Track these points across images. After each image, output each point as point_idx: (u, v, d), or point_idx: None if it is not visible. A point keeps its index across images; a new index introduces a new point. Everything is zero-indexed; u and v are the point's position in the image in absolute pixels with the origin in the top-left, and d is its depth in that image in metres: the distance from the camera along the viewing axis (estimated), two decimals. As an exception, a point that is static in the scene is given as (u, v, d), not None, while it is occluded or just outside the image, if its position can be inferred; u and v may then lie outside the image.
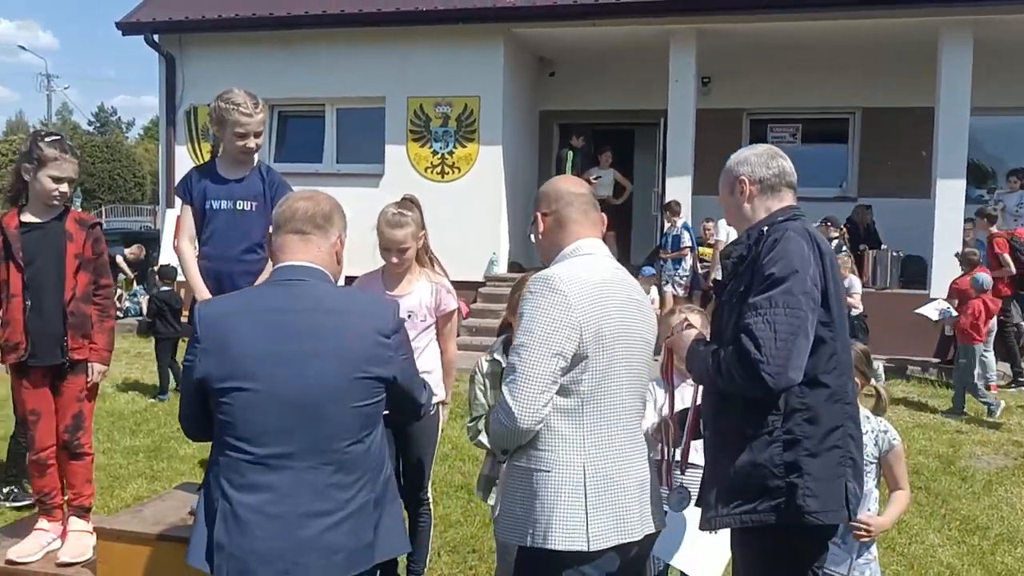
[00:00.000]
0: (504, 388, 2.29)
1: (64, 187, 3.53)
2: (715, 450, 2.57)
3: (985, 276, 8.56)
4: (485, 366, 3.44)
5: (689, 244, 10.92)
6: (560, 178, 2.71)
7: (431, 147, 12.19)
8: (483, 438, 3.39)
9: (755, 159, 2.67)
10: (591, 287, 2.34)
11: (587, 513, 2.27)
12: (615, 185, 12.30)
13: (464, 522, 5.12)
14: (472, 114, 11.97)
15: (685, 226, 11.05)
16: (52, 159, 3.48)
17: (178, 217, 3.66)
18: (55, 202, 3.55)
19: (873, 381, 3.27)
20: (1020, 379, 9.56)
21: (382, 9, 11.74)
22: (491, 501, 3.44)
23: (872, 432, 3.16)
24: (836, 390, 2.43)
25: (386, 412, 2.43)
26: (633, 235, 14.43)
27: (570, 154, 12.11)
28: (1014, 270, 9.47)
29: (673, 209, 10.93)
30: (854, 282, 9.27)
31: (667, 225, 11.11)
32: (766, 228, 2.52)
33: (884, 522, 3.17)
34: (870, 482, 3.12)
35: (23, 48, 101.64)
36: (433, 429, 3.83)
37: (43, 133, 3.66)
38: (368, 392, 2.30)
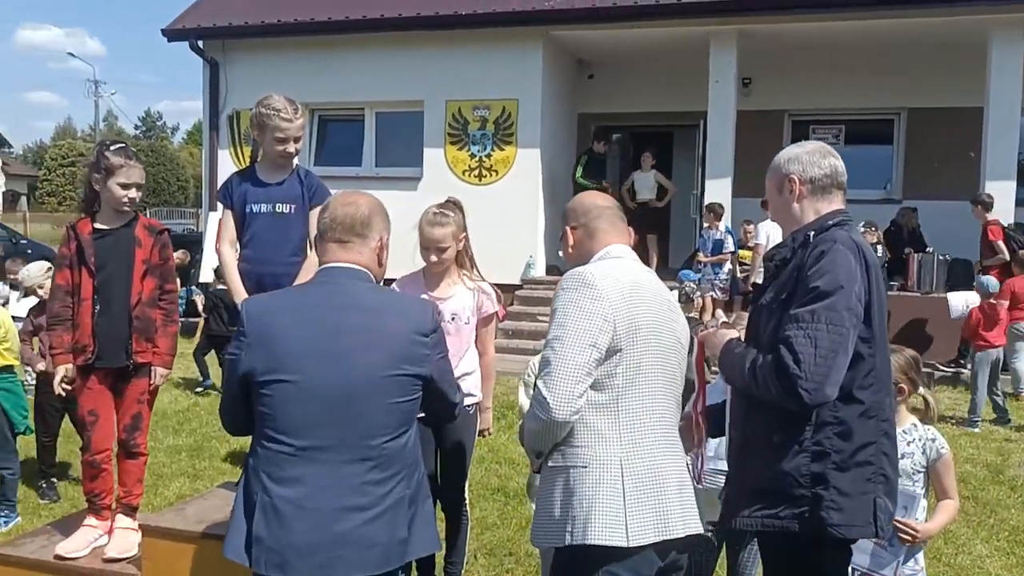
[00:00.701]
0: (539, 382, 2.29)
1: (132, 193, 3.62)
2: (742, 452, 2.56)
3: (990, 279, 8.38)
4: (536, 368, 3.42)
5: (732, 249, 10.76)
6: (587, 193, 2.76)
7: (469, 150, 12.22)
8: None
9: (806, 157, 2.61)
10: (623, 283, 2.37)
11: (626, 508, 2.26)
12: (658, 187, 12.19)
13: (501, 525, 5.12)
14: (510, 117, 11.99)
15: (728, 230, 10.91)
16: (119, 167, 3.58)
17: (220, 220, 3.73)
18: (125, 208, 3.65)
19: (921, 389, 3.22)
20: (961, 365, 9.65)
21: (421, 13, 11.81)
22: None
23: (920, 440, 3.12)
24: (871, 406, 2.40)
25: (421, 414, 2.47)
26: (672, 238, 14.34)
27: (583, 159, 12.01)
28: (1008, 257, 9.36)
29: (716, 212, 10.80)
30: None
31: (706, 227, 10.99)
32: (813, 234, 2.49)
33: (931, 528, 3.11)
34: (918, 490, 3.07)
35: (72, 55, 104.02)
36: (471, 431, 3.84)
37: (108, 142, 3.76)
38: (405, 389, 2.36)
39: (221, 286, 10.20)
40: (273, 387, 2.28)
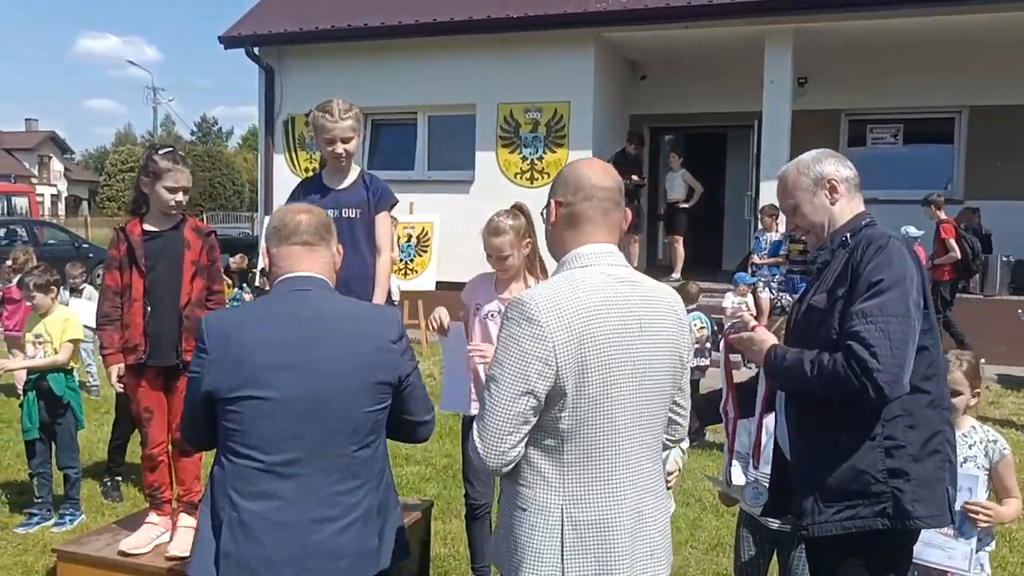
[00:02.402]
0: (475, 425, 2.09)
1: (180, 196, 3.69)
2: (806, 456, 2.51)
3: None
4: None
5: (787, 253, 10.58)
6: (585, 163, 2.30)
7: (520, 153, 12.24)
8: None
9: (834, 159, 2.64)
10: (575, 314, 2.02)
11: (564, 559, 2.05)
12: (688, 188, 12.06)
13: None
14: (562, 119, 11.97)
15: (788, 235, 10.71)
16: (166, 171, 3.65)
17: None
18: (173, 211, 3.73)
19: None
20: None
21: (473, 17, 11.86)
22: None
23: (981, 443, 3.08)
24: (936, 396, 2.42)
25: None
26: (725, 240, 14.20)
27: (612, 159, 11.91)
28: (959, 256, 9.45)
29: (772, 213, 10.61)
30: None
31: (761, 229, 10.82)
32: (849, 235, 2.51)
33: (1005, 512, 3.05)
34: (982, 494, 3.01)
35: (131, 63, 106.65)
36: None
37: (157, 147, 3.84)
38: (377, 398, 2.35)
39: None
40: (243, 403, 2.24)
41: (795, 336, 2.56)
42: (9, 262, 8.95)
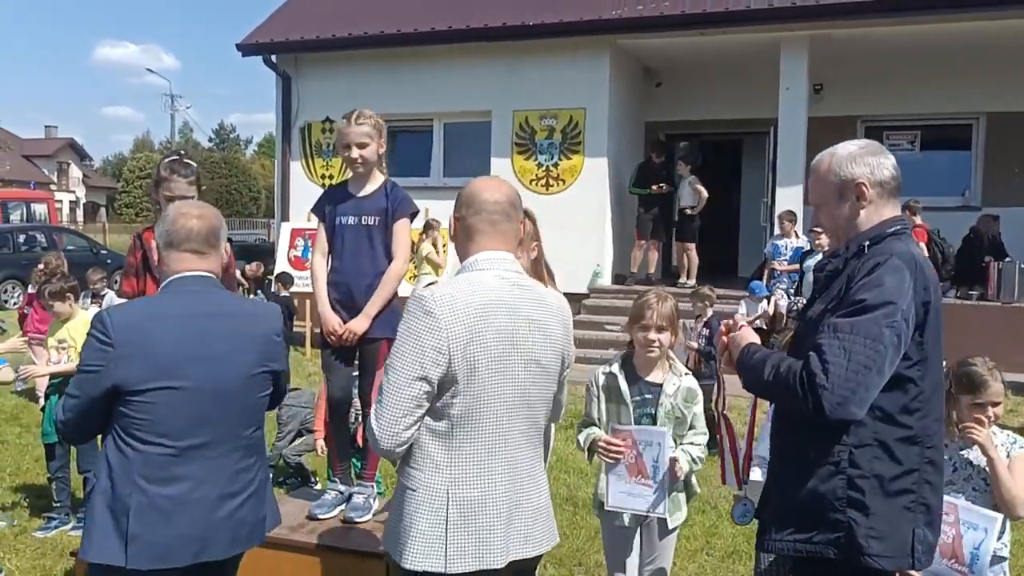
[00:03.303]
0: (372, 408, 2.27)
1: None
2: (776, 470, 2.46)
3: None
4: (601, 379, 3.42)
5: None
6: (480, 181, 2.49)
7: (536, 159, 12.26)
8: (580, 436, 3.44)
9: (872, 159, 2.39)
10: (468, 310, 2.23)
11: (447, 536, 2.23)
12: (697, 195, 12.05)
13: (570, 535, 5.10)
14: (577, 126, 11.99)
15: (810, 241, 10.63)
16: (164, 180, 3.71)
17: (315, 232, 3.91)
18: None
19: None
20: None
21: (489, 24, 11.90)
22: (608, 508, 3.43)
23: (1004, 446, 3.05)
24: (917, 432, 2.26)
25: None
26: (741, 246, 14.16)
27: (635, 168, 11.96)
28: None
29: (792, 220, 10.54)
30: None
31: (778, 233, 10.76)
32: (868, 243, 2.33)
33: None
34: (994, 537, 2.96)
35: (150, 71, 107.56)
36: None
37: (166, 155, 3.89)
38: (266, 384, 2.64)
39: (285, 293, 10.52)
40: (154, 394, 2.39)
41: (794, 347, 2.44)
42: (41, 266, 9.05)
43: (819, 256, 9.32)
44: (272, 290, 11.40)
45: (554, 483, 6.08)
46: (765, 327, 9.08)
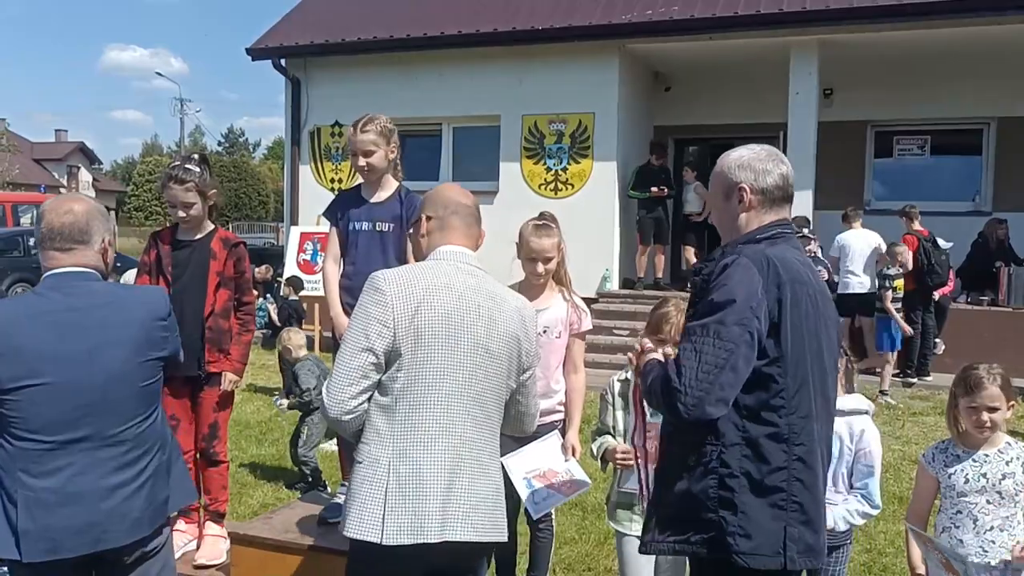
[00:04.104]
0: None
1: (179, 212, 3.72)
2: (660, 475, 2.49)
3: None
4: (617, 386, 3.40)
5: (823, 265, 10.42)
6: (450, 187, 2.71)
7: (545, 164, 12.26)
8: (594, 445, 3.42)
9: (759, 164, 2.43)
10: (415, 288, 2.38)
11: (385, 507, 2.30)
12: (702, 201, 12.03)
13: (579, 540, 5.09)
14: (586, 130, 11.99)
15: (821, 247, 10.56)
16: (163, 186, 3.76)
17: (327, 236, 3.90)
18: (184, 223, 3.78)
19: None
20: (908, 375, 10.05)
21: (498, 29, 11.92)
22: (615, 526, 3.42)
23: (1019, 459, 3.01)
24: (783, 430, 2.27)
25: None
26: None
27: (633, 172, 11.92)
28: (909, 267, 9.66)
29: (801, 224, 10.46)
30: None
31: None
32: (740, 246, 2.36)
33: None
34: (1018, 512, 2.96)
35: (160, 74, 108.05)
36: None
37: (175, 158, 3.91)
38: (151, 372, 2.58)
39: (294, 297, 10.57)
40: (22, 392, 2.38)
41: None
42: None
43: None
44: (281, 294, 11.44)
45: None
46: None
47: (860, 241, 10.17)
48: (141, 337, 2.54)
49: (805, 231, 9.91)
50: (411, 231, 2.67)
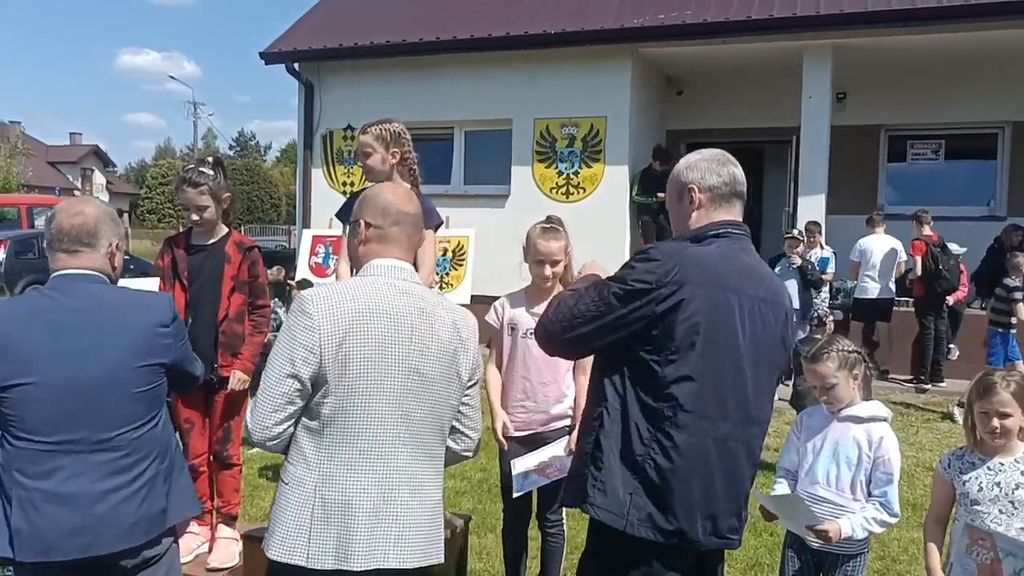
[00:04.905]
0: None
1: (193, 215, 3.74)
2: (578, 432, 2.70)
3: None
4: None
5: (834, 270, 10.31)
6: (390, 190, 2.56)
7: (556, 168, 12.25)
8: None
9: (704, 164, 2.58)
10: (344, 311, 2.27)
11: (311, 531, 2.25)
12: None
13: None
14: (598, 134, 11.98)
15: (835, 252, 10.50)
16: (176, 189, 3.78)
17: (339, 239, 3.91)
18: (199, 226, 3.79)
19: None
20: (922, 382, 9.89)
21: (510, 33, 11.92)
22: None
23: None
24: (658, 416, 2.37)
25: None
26: (762, 255, 14.04)
27: (638, 177, 11.90)
28: (919, 272, 9.75)
29: (816, 230, 10.41)
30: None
31: (802, 245, 10.57)
32: (688, 242, 2.50)
33: None
34: None
35: (173, 78, 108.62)
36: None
37: (189, 161, 3.92)
38: (150, 378, 2.55)
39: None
40: (14, 391, 2.40)
41: None
42: None
43: (784, 264, 9.31)
44: (293, 296, 11.45)
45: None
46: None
47: (881, 245, 10.13)
48: (138, 342, 2.52)
49: (795, 232, 9.89)
50: (347, 230, 2.57)
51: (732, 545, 2.54)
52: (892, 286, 10.30)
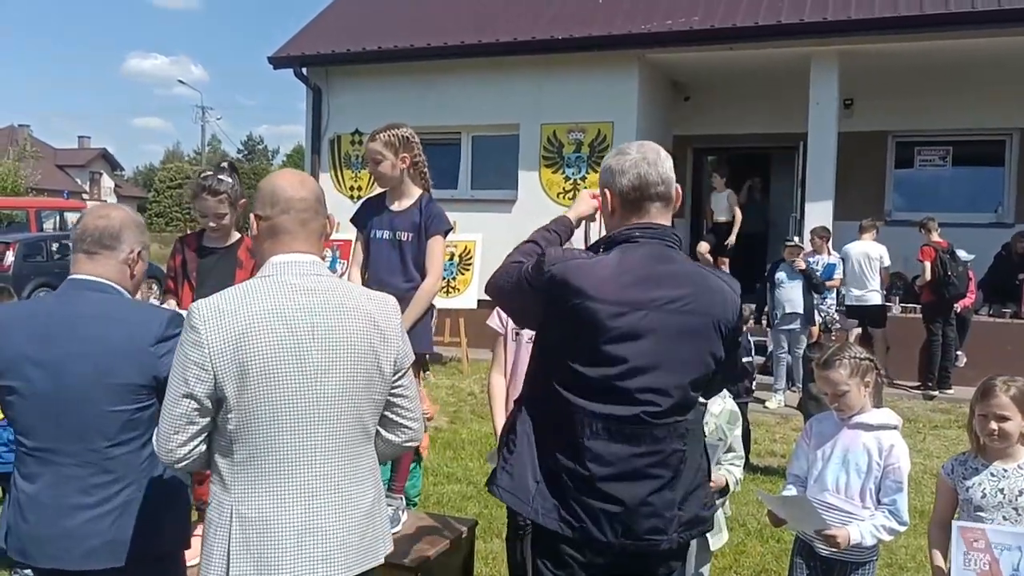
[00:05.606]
0: None
1: (210, 222, 3.78)
2: None
3: None
4: None
5: (841, 276, 10.21)
6: (283, 176, 2.32)
7: (563, 173, 12.27)
8: None
9: (617, 166, 2.45)
10: (234, 322, 2.08)
11: (229, 554, 2.09)
12: (732, 211, 11.95)
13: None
14: (605, 140, 11.99)
15: (841, 256, 10.46)
16: (193, 196, 3.82)
17: (345, 244, 3.95)
18: (214, 231, 3.83)
19: None
20: (929, 389, 9.98)
21: (518, 38, 11.94)
22: None
23: None
24: (540, 397, 2.40)
25: None
26: (769, 261, 14.04)
27: None
28: (928, 277, 9.84)
29: (824, 236, 10.37)
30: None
31: (808, 250, 10.56)
32: (603, 248, 2.45)
33: None
34: None
35: (182, 82, 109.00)
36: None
37: (203, 169, 3.97)
38: (127, 398, 2.45)
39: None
40: (10, 392, 2.45)
41: None
42: None
43: (787, 269, 9.33)
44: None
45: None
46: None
47: (858, 253, 10.23)
48: (117, 359, 2.43)
49: (796, 239, 9.94)
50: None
51: (656, 547, 2.32)
52: (878, 292, 10.28)
